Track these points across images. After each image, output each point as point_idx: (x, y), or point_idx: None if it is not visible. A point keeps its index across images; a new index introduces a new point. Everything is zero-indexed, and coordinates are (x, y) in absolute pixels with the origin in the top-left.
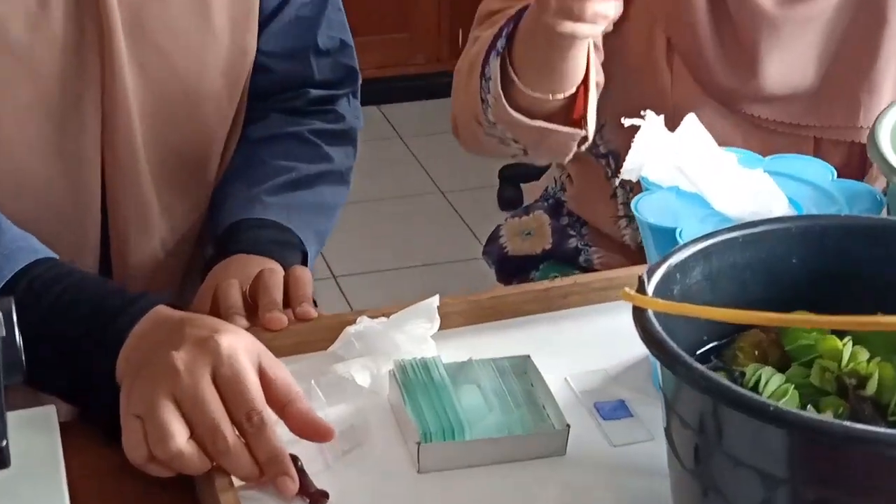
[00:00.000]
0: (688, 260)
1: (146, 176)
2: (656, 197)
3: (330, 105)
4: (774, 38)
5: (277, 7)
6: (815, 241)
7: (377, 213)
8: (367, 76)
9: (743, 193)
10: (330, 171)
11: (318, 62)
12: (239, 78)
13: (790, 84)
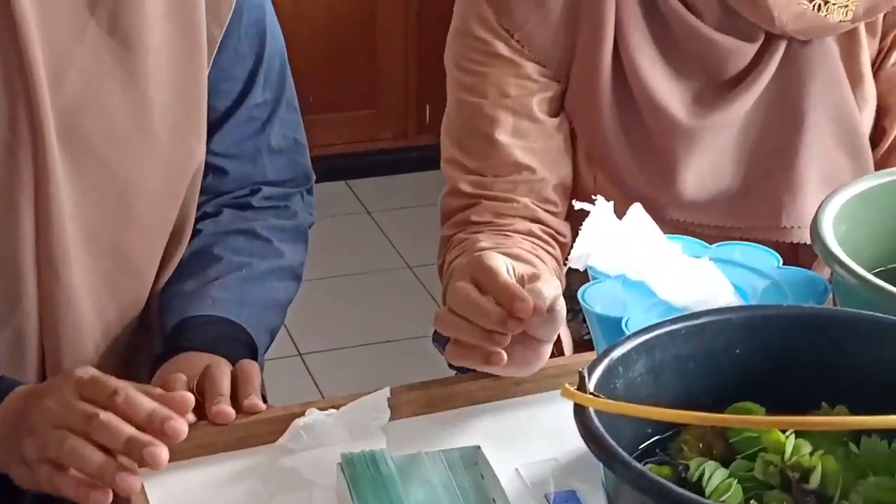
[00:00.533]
0: (630, 353)
1: (79, 277)
2: (604, 286)
3: (283, 201)
4: (690, 147)
5: (230, 108)
6: (758, 331)
7: (344, 289)
8: (336, 151)
9: (688, 282)
10: (281, 266)
11: (271, 162)
12: (182, 179)
13: (709, 189)
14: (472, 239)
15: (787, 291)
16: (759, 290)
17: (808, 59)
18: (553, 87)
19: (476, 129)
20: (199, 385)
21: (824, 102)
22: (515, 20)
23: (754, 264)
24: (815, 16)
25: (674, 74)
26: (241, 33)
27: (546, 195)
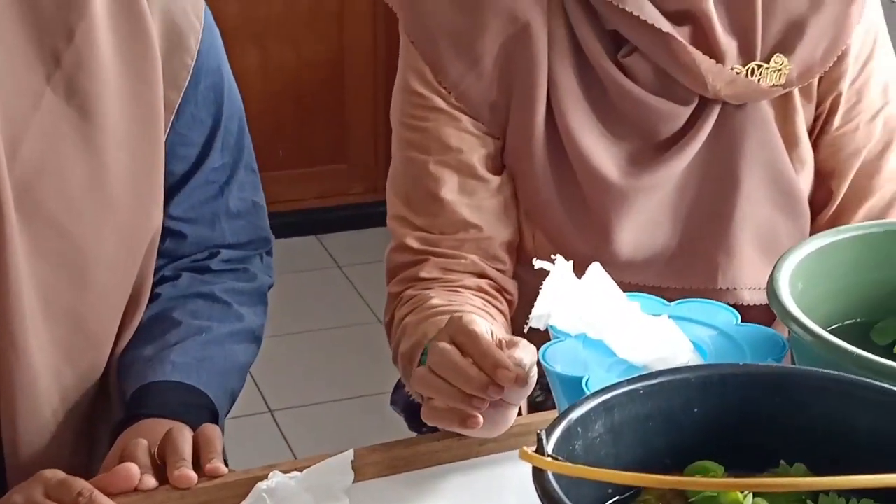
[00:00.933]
0: (589, 413)
1: (36, 343)
2: (565, 345)
3: (242, 264)
4: (624, 208)
5: (188, 172)
6: (716, 390)
7: (316, 344)
8: (306, 206)
9: (648, 341)
10: (241, 329)
11: (229, 225)
12: (139, 244)
13: (646, 250)
14: (423, 295)
15: (746, 349)
16: (718, 347)
17: (742, 122)
18: (492, 144)
19: (422, 186)
20: (161, 450)
21: (759, 164)
22: (450, 78)
23: (713, 322)
24: (747, 81)
25: (608, 136)
26: (198, 98)
27: (493, 252)
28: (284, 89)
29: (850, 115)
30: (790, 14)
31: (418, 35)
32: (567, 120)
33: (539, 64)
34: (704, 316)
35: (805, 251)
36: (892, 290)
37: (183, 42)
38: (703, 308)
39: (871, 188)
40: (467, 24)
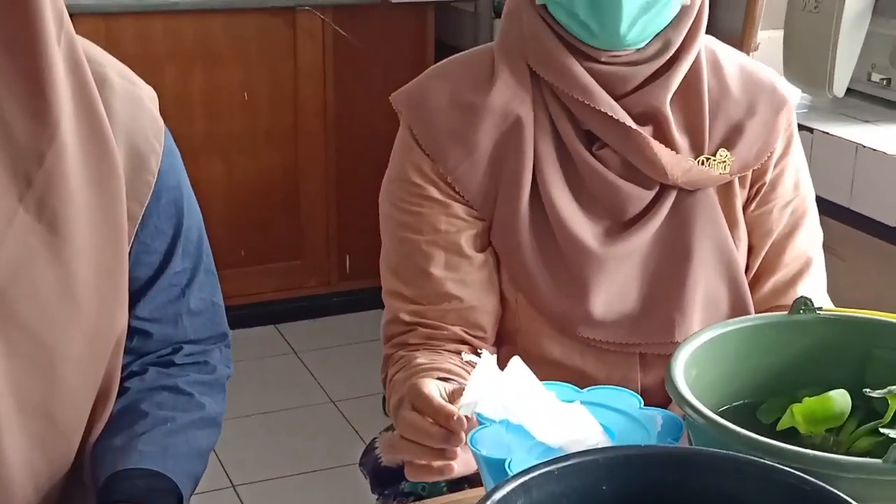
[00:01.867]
0: (510, 494)
1: (9, 438)
2: (490, 430)
3: (202, 357)
4: (600, 273)
5: (152, 277)
6: (621, 469)
7: (275, 423)
8: (266, 299)
9: (563, 425)
10: (202, 417)
11: (191, 322)
12: (105, 345)
13: (615, 310)
14: (410, 356)
15: (648, 430)
16: (624, 429)
17: (693, 205)
18: (479, 225)
19: (413, 262)
20: None
21: (707, 240)
22: (449, 165)
23: (619, 406)
24: (700, 170)
25: (585, 213)
26: (160, 212)
27: (474, 321)
28: (246, 196)
29: (766, 201)
30: (731, 118)
31: (421, 129)
32: (552, 199)
33: (526, 153)
34: (612, 401)
35: (698, 342)
36: (774, 373)
37: (144, 163)
38: (611, 394)
39: (779, 264)
40: (465, 121)
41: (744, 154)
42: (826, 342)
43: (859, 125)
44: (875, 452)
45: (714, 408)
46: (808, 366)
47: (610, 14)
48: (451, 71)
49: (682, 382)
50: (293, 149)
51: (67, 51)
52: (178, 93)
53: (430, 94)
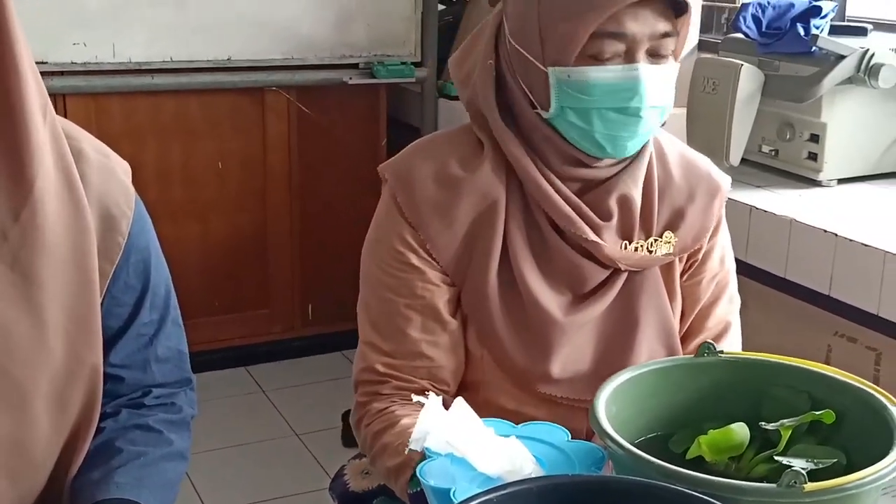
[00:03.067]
0: None
1: None
2: (437, 463)
3: (170, 399)
4: (561, 338)
5: (122, 327)
6: (551, 496)
7: (245, 455)
8: (237, 343)
9: (500, 457)
10: (171, 452)
11: (158, 368)
12: (76, 385)
13: (570, 370)
14: (391, 414)
15: (575, 460)
16: (554, 460)
17: (641, 282)
18: (451, 291)
19: (392, 321)
20: None
21: (652, 312)
22: (429, 234)
23: (550, 439)
24: (646, 256)
25: (550, 285)
26: (129, 269)
27: (441, 378)
28: (219, 252)
29: (696, 273)
30: (674, 203)
31: (405, 199)
32: (521, 273)
33: (498, 231)
34: (543, 435)
35: (617, 381)
36: (683, 409)
37: (115, 226)
38: (542, 429)
39: (703, 328)
40: (447, 199)
41: (684, 235)
42: (727, 381)
43: (753, 190)
44: (770, 477)
45: (631, 440)
46: (711, 402)
47: (624, 139)
48: (437, 147)
49: (604, 418)
50: (261, 211)
51: (51, 126)
52: (159, 162)
53: (415, 168)
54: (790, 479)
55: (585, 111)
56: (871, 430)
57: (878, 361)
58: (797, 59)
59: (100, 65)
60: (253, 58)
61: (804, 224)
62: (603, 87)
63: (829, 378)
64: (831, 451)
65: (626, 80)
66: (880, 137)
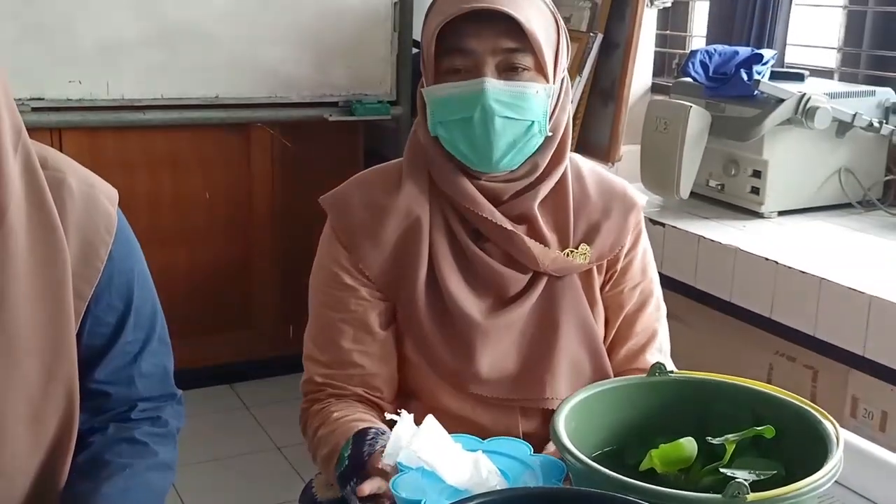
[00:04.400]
0: None
1: None
2: (409, 476)
3: (155, 413)
4: (485, 341)
5: (105, 345)
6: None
7: (229, 467)
8: (222, 362)
9: (467, 470)
10: (157, 462)
11: (143, 384)
12: (49, 404)
13: (498, 371)
14: (326, 410)
15: (538, 472)
16: (518, 472)
17: (561, 288)
18: (382, 305)
19: (328, 335)
20: None
21: (572, 316)
22: (360, 254)
23: (514, 453)
24: (565, 260)
25: (472, 291)
26: (111, 291)
27: (373, 384)
28: (206, 277)
29: (618, 283)
30: (590, 219)
31: (339, 225)
32: (445, 281)
33: (423, 243)
34: (507, 449)
35: (575, 400)
36: (635, 425)
37: (95, 252)
38: (506, 444)
39: (630, 335)
40: (375, 220)
41: (600, 247)
42: (676, 398)
43: (700, 221)
44: (717, 488)
45: (589, 453)
46: (662, 418)
47: (484, 149)
48: (367, 179)
49: (564, 433)
50: (245, 239)
51: (23, 159)
52: (150, 193)
53: (349, 198)
54: (734, 490)
55: (447, 124)
56: (808, 444)
57: (814, 378)
58: (741, 101)
59: (94, 101)
60: (239, 96)
61: (748, 252)
62: (454, 101)
63: (769, 396)
64: (772, 464)
65: (471, 92)
66: (816, 173)
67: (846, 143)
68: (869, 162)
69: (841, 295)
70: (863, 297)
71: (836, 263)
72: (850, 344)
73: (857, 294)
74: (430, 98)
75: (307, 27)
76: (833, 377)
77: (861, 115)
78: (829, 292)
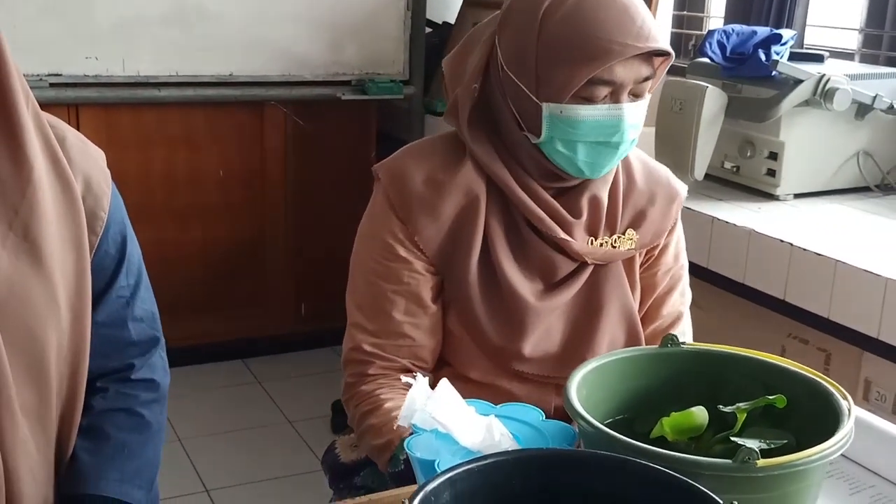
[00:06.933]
0: (439, 487)
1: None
2: (423, 437)
3: (150, 374)
4: (533, 321)
5: (103, 290)
6: (527, 468)
7: (241, 439)
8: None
9: (481, 433)
10: (151, 434)
11: (135, 327)
12: (79, 343)
13: (541, 350)
14: (377, 397)
15: (548, 437)
16: (529, 437)
17: (606, 273)
18: (434, 279)
19: (379, 305)
20: None
21: (615, 300)
22: (417, 228)
23: (526, 419)
24: (611, 250)
25: (524, 273)
26: (108, 240)
27: (422, 356)
28: (220, 254)
29: (653, 266)
30: (636, 205)
31: (396, 196)
32: (499, 262)
33: (479, 222)
34: (519, 414)
35: (588, 368)
36: (647, 394)
37: (98, 202)
38: (519, 409)
39: (657, 316)
40: (434, 197)
41: (645, 234)
42: (688, 369)
43: (715, 203)
44: (727, 456)
45: (600, 421)
46: (673, 388)
47: (601, 167)
48: (426, 151)
49: (576, 400)
50: (259, 217)
51: (34, 115)
52: (165, 170)
53: (407, 169)
54: (744, 455)
55: (572, 142)
56: (819, 416)
57: (827, 361)
58: (758, 82)
59: (111, 78)
60: (253, 74)
61: (762, 234)
62: (590, 124)
63: (781, 368)
64: (783, 434)
65: (611, 118)
66: (834, 156)
67: (865, 125)
68: (888, 145)
69: (856, 277)
70: (878, 279)
71: (852, 246)
72: (864, 326)
73: (873, 277)
74: (560, 117)
75: (321, 6)
76: (846, 360)
77: (881, 98)
78: (844, 275)
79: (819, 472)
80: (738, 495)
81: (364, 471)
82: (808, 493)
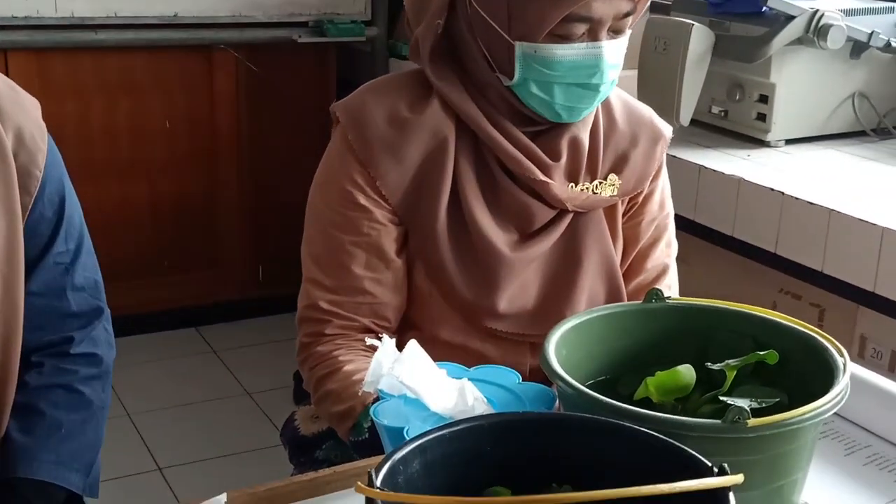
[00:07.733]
0: (408, 455)
1: None
2: (390, 403)
3: (91, 349)
4: (507, 273)
5: (38, 255)
6: (502, 433)
7: (196, 413)
8: (187, 304)
9: (452, 397)
10: (92, 412)
11: (74, 297)
12: (13, 312)
13: (516, 306)
14: (335, 360)
15: (525, 401)
16: (505, 401)
17: (586, 223)
18: (397, 230)
19: (336, 257)
20: None
21: (595, 251)
22: (379, 171)
23: (501, 382)
24: (592, 197)
25: (498, 222)
26: (44, 201)
27: (383, 314)
28: (168, 213)
29: (636, 215)
30: (618, 148)
31: (356, 137)
32: (471, 210)
33: (447, 166)
34: (494, 377)
35: (566, 326)
36: (630, 353)
37: (33, 160)
38: (493, 371)
39: (642, 269)
40: (398, 138)
41: (628, 178)
42: (673, 326)
43: (701, 150)
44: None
45: (581, 382)
46: (658, 346)
47: (580, 109)
48: (388, 89)
49: (555, 360)
50: (210, 171)
51: None
52: (105, 121)
53: (368, 108)
54: (734, 414)
55: (548, 84)
56: (813, 372)
57: (821, 317)
58: (748, 19)
59: (42, 19)
60: (200, 14)
61: (752, 183)
62: (567, 64)
63: (773, 322)
64: (774, 392)
65: (590, 57)
66: (828, 99)
67: (861, 65)
68: (885, 86)
69: (851, 227)
70: (874, 228)
71: (847, 194)
72: (859, 280)
73: (869, 226)
74: (535, 57)
75: None
76: (841, 315)
77: (878, 34)
78: (839, 225)
79: (812, 431)
80: (729, 458)
81: (326, 444)
82: (801, 453)
